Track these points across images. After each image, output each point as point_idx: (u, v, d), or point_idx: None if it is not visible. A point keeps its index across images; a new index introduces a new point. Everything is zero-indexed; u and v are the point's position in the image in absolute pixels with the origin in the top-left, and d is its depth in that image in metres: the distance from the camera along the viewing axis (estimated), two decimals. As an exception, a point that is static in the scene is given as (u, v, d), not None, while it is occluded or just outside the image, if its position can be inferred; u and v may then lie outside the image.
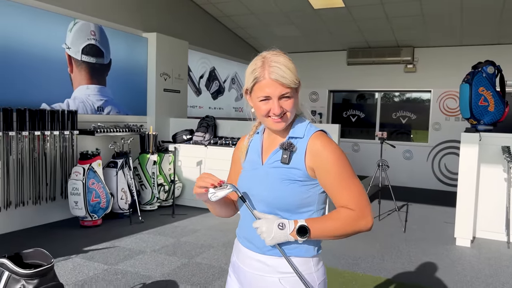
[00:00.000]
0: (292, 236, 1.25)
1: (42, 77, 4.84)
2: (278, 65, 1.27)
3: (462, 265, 4.02)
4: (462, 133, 4.75)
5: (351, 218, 1.27)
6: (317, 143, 1.30)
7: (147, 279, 3.44)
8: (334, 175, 1.28)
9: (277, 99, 1.28)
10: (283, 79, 1.26)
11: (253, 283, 1.37)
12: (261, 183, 1.33)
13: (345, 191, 1.28)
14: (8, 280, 2.33)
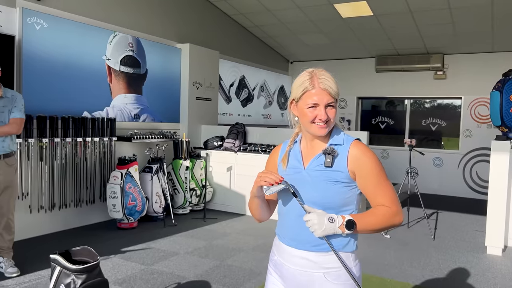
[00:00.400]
0: (340, 229, 1.40)
1: (84, 87, 5.16)
2: (326, 77, 1.48)
3: (493, 273, 4.01)
4: (492, 141, 4.73)
5: (388, 214, 1.44)
6: (357, 150, 1.48)
7: (182, 279, 3.62)
8: (372, 178, 1.46)
9: (324, 107, 1.46)
10: (330, 89, 1.46)
11: (297, 279, 1.50)
12: (307, 185, 1.49)
13: (382, 192, 1.46)
14: (60, 274, 2.55)
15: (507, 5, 6.16)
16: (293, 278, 1.51)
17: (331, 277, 1.45)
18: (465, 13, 6.59)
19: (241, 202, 6.13)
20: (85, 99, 5.18)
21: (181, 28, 6.71)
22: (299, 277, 1.49)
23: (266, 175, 1.44)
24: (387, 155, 9.08)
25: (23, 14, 4.49)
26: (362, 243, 4.98)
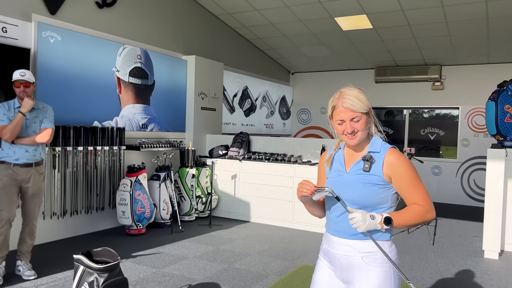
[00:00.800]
0: (380, 225, 1.63)
1: (95, 97, 5.35)
2: (349, 96, 1.70)
3: (490, 275, 4.17)
4: (488, 149, 4.93)
5: (422, 211, 1.68)
6: (392, 157, 1.71)
7: (192, 281, 3.77)
8: (407, 180, 1.69)
9: (349, 121, 1.70)
10: (352, 106, 1.69)
11: (341, 262, 1.75)
12: (347, 186, 1.73)
13: (415, 192, 1.69)
14: (83, 273, 2.72)
15: (501, 19, 6.40)
16: (338, 262, 1.76)
17: (368, 260, 1.69)
18: (461, 26, 6.84)
19: (246, 209, 6.29)
20: (96, 109, 5.37)
21: (187, 40, 6.95)
22: (342, 261, 1.75)
23: (303, 187, 1.69)
24: (387, 164, 9.26)
25: (38, 28, 4.70)
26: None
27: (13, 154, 3.63)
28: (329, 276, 1.82)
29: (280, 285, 3.71)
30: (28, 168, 3.68)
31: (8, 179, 3.59)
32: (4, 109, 3.65)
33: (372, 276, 1.68)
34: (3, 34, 4.42)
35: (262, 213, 6.17)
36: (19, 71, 3.68)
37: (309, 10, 6.86)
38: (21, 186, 3.69)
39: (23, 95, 3.64)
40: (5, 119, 3.61)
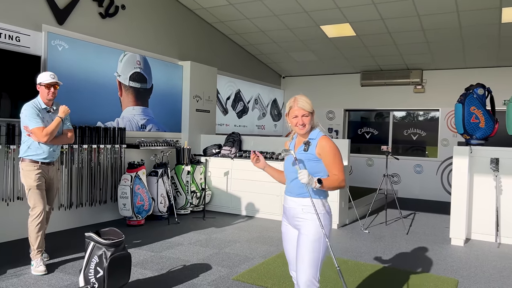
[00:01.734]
0: (315, 182, 2.28)
1: (98, 100, 5.85)
2: (301, 100, 2.45)
3: (452, 258, 4.69)
4: (454, 147, 5.46)
5: (338, 180, 2.37)
6: (322, 141, 2.43)
7: (186, 262, 4.27)
8: (330, 158, 2.40)
9: (301, 117, 2.43)
10: (303, 106, 2.43)
11: (291, 212, 2.49)
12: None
13: (334, 166, 2.40)
14: (93, 248, 3.22)
15: (473, 27, 6.95)
16: (289, 213, 2.52)
17: (305, 210, 2.42)
18: (437, 34, 7.38)
19: (237, 203, 6.80)
20: (99, 110, 5.87)
21: (183, 47, 7.46)
22: (291, 212, 2.49)
23: (253, 160, 2.64)
24: (372, 163, 9.80)
25: (48, 37, 5.20)
26: (344, 236, 5.68)
27: (42, 153, 3.89)
28: (286, 226, 2.58)
29: (263, 265, 4.22)
30: (50, 165, 4.03)
31: (39, 177, 3.88)
32: (35, 109, 3.85)
33: (307, 220, 2.41)
34: (17, 43, 4.91)
35: (252, 207, 6.67)
36: (48, 73, 3.94)
37: (296, 19, 7.38)
38: (47, 181, 4.01)
39: (52, 96, 3.92)
40: (40, 121, 3.83)
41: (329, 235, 2.40)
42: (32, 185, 3.85)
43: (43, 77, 3.93)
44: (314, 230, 2.37)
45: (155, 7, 6.85)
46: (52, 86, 3.92)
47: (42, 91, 3.94)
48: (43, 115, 3.91)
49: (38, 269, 3.79)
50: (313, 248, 2.36)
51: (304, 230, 2.40)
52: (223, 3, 7.06)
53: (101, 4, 5.92)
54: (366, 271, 4.14)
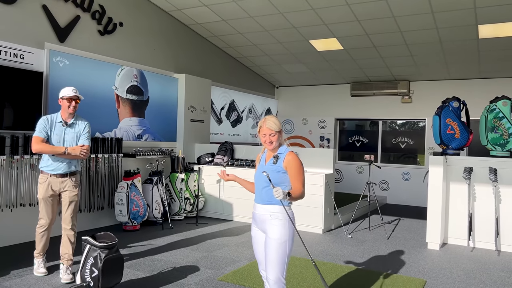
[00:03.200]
0: (286, 196, 2.57)
1: (97, 111, 6.22)
2: (269, 121, 2.81)
3: (425, 260, 5.02)
4: (430, 156, 5.81)
5: (299, 192, 2.69)
6: (289, 156, 2.77)
7: (176, 265, 4.61)
8: (293, 172, 2.74)
9: (268, 135, 2.79)
10: (271, 127, 2.79)
11: (260, 218, 2.80)
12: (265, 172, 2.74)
13: (296, 180, 2.74)
14: (89, 250, 3.57)
15: (452, 42, 7.32)
16: (258, 218, 2.82)
17: (273, 216, 2.74)
18: (420, 48, 7.76)
19: (229, 209, 7.14)
20: (97, 121, 6.24)
21: (178, 60, 7.85)
22: (260, 217, 2.80)
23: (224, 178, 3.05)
24: (362, 170, 10.14)
25: (50, 54, 5.58)
26: (328, 240, 6.01)
27: (50, 165, 3.96)
28: (256, 230, 2.91)
29: (248, 267, 4.56)
30: (64, 178, 4.00)
31: (46, 189, 3.96)
32: (46, 122, 3.96)
33: (274, 225, 2.73)
34: (21, 60, 5.30)
35: (243, 213, 7.01)
36: (71, 88, 4.05)
37: (286, 34, 7.77)
38: (59, 194, 4.05)
39: (73, 110, 4.02)
40: (43, 132, 3.90)
41: (293, 237, 2.74)
42: (39, 196, 4.01)
43: (66, 91, 4.03)
44: (280, 233, 2.70)
45: (152, 23, 7.24)
46: (73, 100, 4.02)
47: (63, 104, 4.03)
48: (56, 128, 3.99)
49: (38, 271, 4.10)
50: (279, 249, 2.69)
51: (271, 234, 2.72)
52: (216, 19, 7.45)
53: (100, 22, 6.31)
54: (341, 272, 4.48)
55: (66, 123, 4.06)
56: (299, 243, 5.65)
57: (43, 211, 4.04)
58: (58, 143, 3.99)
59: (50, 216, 4.07)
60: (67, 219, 4.09)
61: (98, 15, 6.27)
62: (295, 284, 4.06)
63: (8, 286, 3.81)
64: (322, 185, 6.28)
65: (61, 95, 4.07)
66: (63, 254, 4.11)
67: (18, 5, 5.26)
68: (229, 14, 7.19)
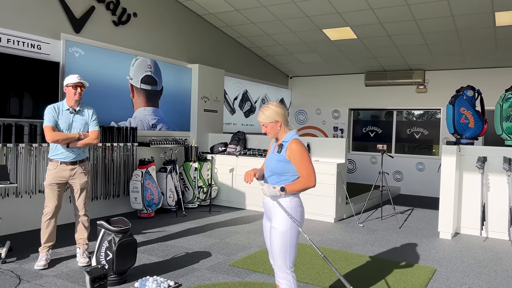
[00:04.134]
0: (278, 192, 2.60)
1: (112, 101, 6.34)
2: (260, 113, 2.72)
3: (436, 249, 5.02)
4: (443, 145, 5.76)
5: (304, 182, 2.62)
6: (292, 144, 2.65)
7: (189, 250, 4.71)
8: (298, 160, 2.63)
9: (264, 127, 2.74)
10: (261, 118, 2.72)
11: (266, 207, 2.77)
12: (270, 161, 2.75)
13: (302, 168, 2.64)
14: (104, 234, 3.68)
15: (469, 30, 7.20)
16: (265, 207, 2.80)
17: (275, 205, 2.68)
18: (435, 37, 7.65)
19: (242, 198, 7.22)
20: (113, 111, 6.36)
21: (192, 50, 7.91)
22: (266, 206, 2.77)
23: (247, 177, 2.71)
24: (376, 160, 10.10)
25: (66, 45, 5.70)
26: (339, 229, 6.04)
27: (60, 153, 4.02)
28: (265, 219, 2.87)
29: (258, 253, 4.63)
30: (73, 165, 4.07)
31: (55, 177, 4.00)
32: (53, 111, 4.00)
33: (276, 214, 2.68)
34: (38, 50, 5.43)
35: (255, 202, 7.09)
36: (75, 75, 4.06)
37: (300, 23, 7.75)
38: (68, 182, 4.10)
39: (78, 96, 4.03)
40: (52, 121, 3.95)
41: (295, 227, 2.63)
42: (46, 183, 4.03)
43: (70, 78, 4.05)
44: (282, 222, 2.63)
45: (165, 14, 7.31)
46: (78, 86, 4.05)
47: (69, 92, 4.06)
48: (63, 116, 4.05)
49: (38, 263, 3.98)
50: (281, 237, 2.63)
51: (273, 223, 2.68)
52: (229, 9, 7.47)
53: (114, 12, 6.40)
54: (352, 260, 4.52)
55: (74, 110, 4.10)
56: (310, 231, 5.72)
57: (49, 198, 4.04)
58: (67, 130, 4.05)
59: (56, 203, 4.06)
60: (80, 205, 4.18)
61: (112, 6, 6.35)
62: (305, 271, 4.12)
63: (27, 269, 3.96)
64: (334, 175, 6.30)
65: (66, 82, 4.09)
66: (78, 239, 4.24)
67: (35, -3, 5.38)
68: (242, 4, 7.21)
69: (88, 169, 4.27)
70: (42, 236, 4.08)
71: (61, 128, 4.04)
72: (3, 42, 5.03)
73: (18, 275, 3.79)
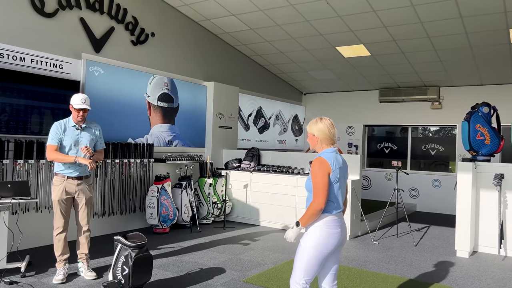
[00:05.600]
0: (296, 228, 2.61)
1: (129, 118, 6.49)
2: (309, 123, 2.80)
3: (453, 268, 4.95)
4: (458, 162, 5.72)
5: (311, 207, 2.59)
6: (313, 162, 2.67)
7: (204, 266, 4.74)
8: (312, 179, 2.64)
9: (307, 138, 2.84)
10: (307, 128, 2.79)
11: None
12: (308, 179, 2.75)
13: (313, 189, 2.62)
14: (120, 249, 3.75)
15: (483, 47, 7.19)
16: None
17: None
18: (449, 53, 7.66)
19: (256, 214, 7.25)
20: (130, 128, 6.50)
21: (207, 68, 8.08)
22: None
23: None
24: (391, 177, 10.02)
25: (86, 64, 5.89)
26: (354, 246, 6.01)
27: (67, 168, 4.09)
28: None
29: (273, 270, 4.64)
30: (79, 180, 4.16)
31: (62, 192, 4.08)
32: (58, 128, 4.08)
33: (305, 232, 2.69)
34: (60, 70, 5.62)
35: (269, 218, 7.10)
36: (80, 97, 4.09)
37: (313, 41, 7.85)
38: (74, 197, 4.17)
39: (81, 118, 4.11)
40: (55, 139, 4.05)
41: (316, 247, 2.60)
42: (54, 199, 4.10)
43: (74, 100, 4.09)
44: (304, 239, 2.67)
45: (182, 33, 7.50)
46: (81, 110, 4.09)
47: (73, 112, 4.13)
48: (69, 132, 4.12)
49: (56, 278, 4.07)
50: (300, 254, 2.66)
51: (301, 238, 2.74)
52: (244, 28, 7.63)
53: (133, 33, 6.60)
54: (367, 278, 4.49)
55: (80, 126, 4.19)
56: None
57: (58, 213, 4.11)
58: (74, 146, 4.13)
59: (65, 219, 4.14)
60: (84, 220, 4.24)
61: (131, 26, 6.56)
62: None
63: (45, 283, 4.04)
64: (349, 191, 6.29)
65: (71, 102, 4.13)
66: (81, 254, 4.29)
67: (57, 18, 5.59)
68: (257, 23, 7.36)
69: (92, 184, 4.36)
70: (56, 250, 4.17)
71: (66, 144, 4.11)
72: (27, 62, 5.24)
73: (37, 288, 3.87)
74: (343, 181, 2.73)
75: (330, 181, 2.61)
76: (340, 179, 2.67)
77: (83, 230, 4.26)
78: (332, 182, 2.62)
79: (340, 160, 2.73)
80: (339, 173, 2.66)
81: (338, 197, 2.67)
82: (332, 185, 2.62)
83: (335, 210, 2.65)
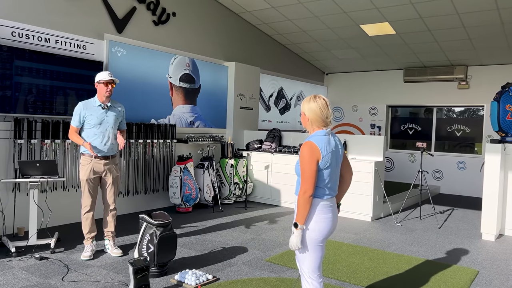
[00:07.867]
0: (296, 230, 2.39)
1: (152, 99, 6.53)
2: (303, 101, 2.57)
3: (478, 251, 4.87)
4: (487, 144, 5.56)
5: (300, 197, 2.37)
6: (302, 146, 2.44)
7: (226, 245, 4.80)
8: (300, 165, 2.41)
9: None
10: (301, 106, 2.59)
11: None
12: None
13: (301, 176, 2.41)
14: (146, 228, 3.82)
15: (515, 23, 6.89)
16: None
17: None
18: (479, 31, 7.36)
19: (277, 195, 7.26)
20: (152, 109, 6.55)
21: (228, 49, 8.01)
22: None
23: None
24: (414, 159, 9.86)
25: (109, 44, 5.91)
26: (376, 228, 5.97)
27: (94, 148, 4.12)
28: None
29: (295, 250, 4.66)
30: (106, 160, 4.22)
31: (90, 172, 4.15)
32: (82, 109, 4.11)
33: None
34: (84, 50, 5.66)
35: (290, 199, 7.11)
36: (106, 72, 4.18)
37: (336, 19, 7.67)
38: (101, 176, 4.24)
39: (109, 93, 4.13)
40: (76, 120, 4.12)
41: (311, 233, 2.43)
42: (83, 179, 4.18)
43: (102, 75, 4.17)
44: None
45: (203, 12, 7.43)
46: (109, 83, 4.15)
47: (100, 88, 4.16)
48: (95, 111, 4.15)
49: (84, 254, 4.18)
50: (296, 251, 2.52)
51: None
52: (265, 6, 7.50)
53: (154, 12, 6.57)
54: (389, 259, 4.46)
55: (106, 106, 4.21)
56: (346, 230, 5.69)
57: (86, 192, 4.20)
58: (99, 125, 4.17)
59: (93, 198, 4.23)
60: (111, 199, 4.33)
61: (152, 6, 6.53)
62: (341, 269, 4.11)
63: (74, 259, 4.17)
64: (372, 173, 6.22)
65: (97, 79, 4.18)
66: (107, 232, 4.38)
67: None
68: (279, 1, 7.21)
69: (118, 163, 4.42)
70: (84, 228, 4.28)
71: (92, 123, 4.15)
72: (51, 43, 5.29)
73: (66, 264, 4.00)
74: (335, 165, 2.49)
75: (320, 168, 2.39)
76: (332, 164, 2.43)
77: (109, 209, 4.35)
78: (321, 169, 2.40)
79: (333, 142, 2.47)
80: (330, 157, 2.42)
81: (330, 182, 2.45)
82: (321, 171, 2.41)
83: (325, 195, 2.45)
